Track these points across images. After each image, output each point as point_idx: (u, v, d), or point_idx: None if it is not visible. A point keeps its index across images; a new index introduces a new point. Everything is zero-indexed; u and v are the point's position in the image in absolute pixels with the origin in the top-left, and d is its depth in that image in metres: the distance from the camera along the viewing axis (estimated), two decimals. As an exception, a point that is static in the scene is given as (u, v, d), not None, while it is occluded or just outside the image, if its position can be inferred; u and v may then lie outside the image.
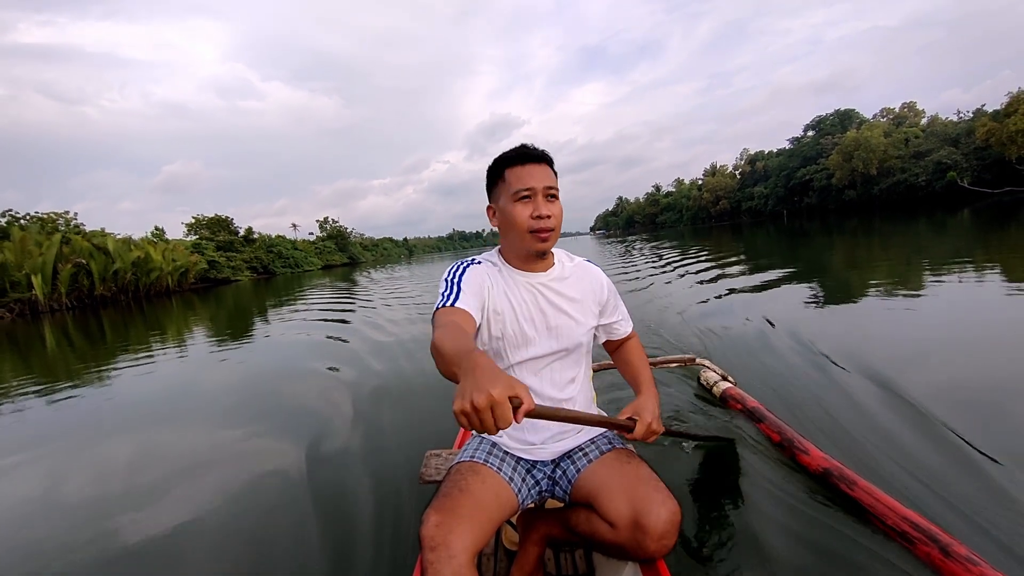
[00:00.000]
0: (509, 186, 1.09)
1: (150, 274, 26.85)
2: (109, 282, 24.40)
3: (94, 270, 23.37)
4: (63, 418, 3.93)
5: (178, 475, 2.52)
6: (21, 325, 15.58)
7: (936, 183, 38.49)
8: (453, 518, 0.90)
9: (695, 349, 3.61)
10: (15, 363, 7.49)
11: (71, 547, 1.95)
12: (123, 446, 3.10)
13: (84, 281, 23.21)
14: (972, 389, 2.40)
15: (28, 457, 3.06)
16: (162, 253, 28.55)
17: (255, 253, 50.92)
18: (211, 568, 1.68)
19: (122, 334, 10.09)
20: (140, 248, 27.09)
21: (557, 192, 1.11)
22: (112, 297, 24.64)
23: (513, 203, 1.09)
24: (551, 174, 1.11)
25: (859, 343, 3.24)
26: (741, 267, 9.05)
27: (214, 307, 15.35)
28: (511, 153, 1.12)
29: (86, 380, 5.36)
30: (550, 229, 1.09)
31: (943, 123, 44.53)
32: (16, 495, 2.54)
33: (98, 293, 23.72)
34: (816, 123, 56.98)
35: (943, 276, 5.54)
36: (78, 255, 22.86)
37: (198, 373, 5.33)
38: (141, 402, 4.20)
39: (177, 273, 29.74)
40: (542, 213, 1.07)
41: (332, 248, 72.53)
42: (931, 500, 1.57)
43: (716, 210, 73.16)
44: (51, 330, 12.47)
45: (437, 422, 2.70)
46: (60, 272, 21.72)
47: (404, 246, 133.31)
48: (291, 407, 3.54)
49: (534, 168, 1.09)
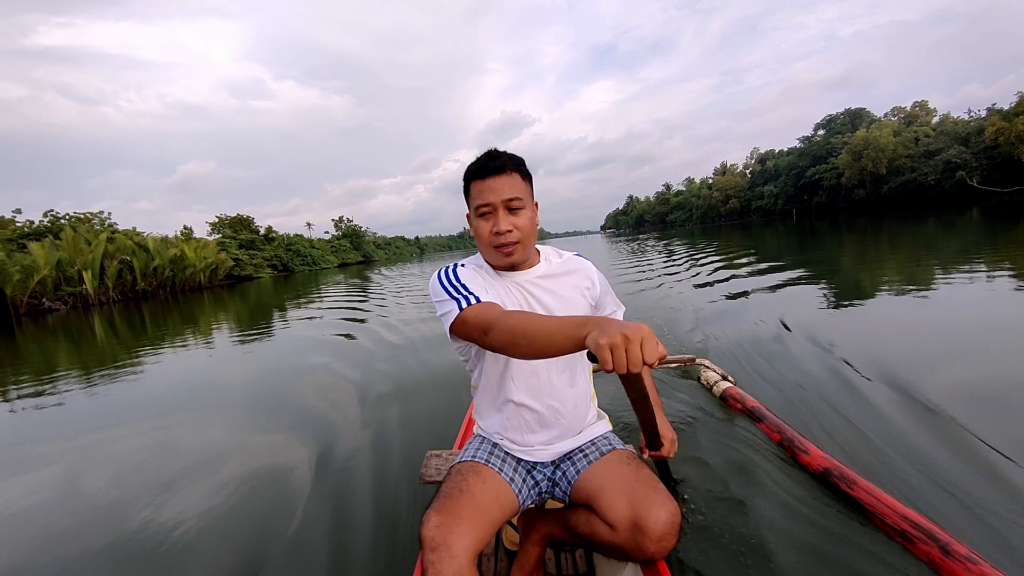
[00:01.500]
0: (472, 199, 1.08)
1: (185, 270, 28.56)
2: (150, 277, 26.10)
3: (136, 266, 25.06)
4: (105, 405, 4.17)
5: (189, 469, 2.58)
6: (74, 317, 16.95)
7: (946, 182, 38.73)
8: (454, 519, 0.90)
9: (696, 348, 3.66)
10: (70, 352, 8.25)
11: (91, 528, 2.05)
12: (142, 437, 3.20)
13: (127, 276, 24.89)
14: (979, 386, 2.38)
15: (72, 445, 3.19)
16: (194, 251, 30.22)
17: (275, 251, 52.77)
18: (211, 567, 1.68)
19: (161, 326, 10.93)
20: (176, 246, 28.78)
21: (522, 201, 1.07)
22: (152, 291, 26.38)
23: (476, 218, 1.09)
24: (515, 183, 1.07)
25: (866, 341, 3.26)
26: (748, 265, 9.08)
27: (240, 303, 15.98)
28: (473, 166, 1.09)
29: (128, 369, 5.74)
30: (512, 243, 1.07)
31: (954, 122, 44.60)
32: (58, 478, 2.65)
33: (140, 288, 25.43)
34: (827, 122, 57.11)
35: (952, 274, 5.50)
36: (123, 252, 24.55)
37: (219, 367, 5.56)
38: (162, 395, 4.37)
39: (208, 270, 31.44)
40: (501, 228, 1.05)
41: (347, 247, 74.47)
42: (933, 500, 1.57)
43: (726, 209, 73.50)
44: (100, 321, 13.61)
45: (438, 422, 2.72)
46: (107, 268, 23.40)
47: (416, 244, 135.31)
48: (296, 405, 3.58)
49: (494, 181, 1.05)
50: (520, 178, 1.08)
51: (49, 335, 11.51)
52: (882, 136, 42.79)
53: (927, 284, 5.14)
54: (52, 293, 21.23)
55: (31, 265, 20.13)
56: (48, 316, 18.60)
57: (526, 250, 1.10)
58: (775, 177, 63.01)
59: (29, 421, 3.94)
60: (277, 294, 18.01)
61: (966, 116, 44.70)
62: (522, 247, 1.08)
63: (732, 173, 76.86)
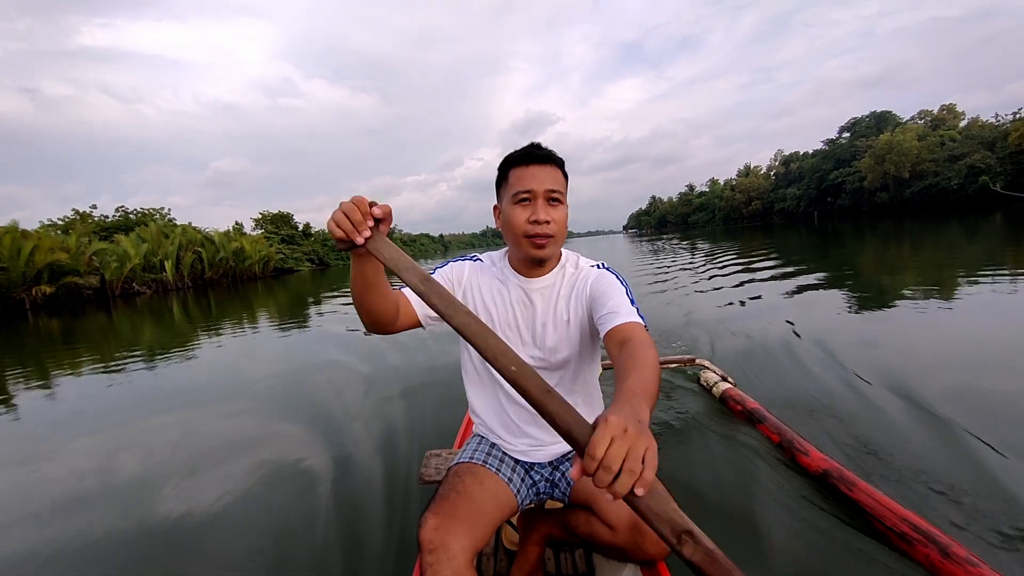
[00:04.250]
0: (511, 187, 1.05)
1: (244, 262, 31.69)
2: (216, 267, 29.32)
3: (204, 257, 28.23)
4: (187, 379, 4.81)
5: (215, 451, 2.76)
6: (156, 300, 19.31)
7: (969, 187, 38.97)
8: (451, 521, 0.91)
9: (696, 349, 3.65)
10: (161, 330, 9.46)
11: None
12: (170, 423, 3.41)
13: (197, 266, 28.05)
14: (986, 393, 2.39)
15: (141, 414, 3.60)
16: (251, 244, 33.41)
17: (312, 246, 56.18)
18: (212, 567, 1.70)
19: (224, 310, 12.39)
20: (236, 240, 31.98)
21: (562, 196, 1.05)
22: (217, 280, 29.58)
23: (512, 205, 1.05)
24: (558, 177, 1.05)
25: (876, 348, 3.26)
26: (767, 269, 9.11)
27: (286, 292, 17.55)
28: (517, 153, 1.06)
29: (196, 348, 6.59)
30: (548, 235, 1.03)
31: (981, 125, 44.54)
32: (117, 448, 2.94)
33: (207, 276, 28.65)
34: (851, 125, 57.23)
35: (970, 279, 5.50)
36: (195, 245, 27.73)
37: (257, 353, 6.06)
38: (195, 383, 4.69)
39: (262, 262, 34.61)
40: (540, 218, 1.01)
41: (377, 243, 77.69)
42: (932, 502, 1.58)
43: (748, 211, 73.81)
44: (177, 305, 15.33)
45: (438, 421, 2.74)
46: (182, 259, 26.56)
47: (440, 242, 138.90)
48: (303, 402, 3.68)
49: (537, 170, 1.03)
50: (561, 174, 1.06)
51: (138, 315, 13.36)
52: (906, 140, 43.06)
53: (943, 290, 5.11)
54: (140, 278, 24.42)
55: (124, 254, 23.29)
56: (136, 298, 21.45)
57: (557, 247, 1.08)
58: (799, 179, 63.15)
59: (134, 382, 4.79)
60: (315, 286, 19.39)
61: (994, 120, 44.56)
62: (554, 243, 1.06)
63: (756, 175, 77.14)
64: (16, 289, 18.07)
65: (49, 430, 3.53)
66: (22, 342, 9.45)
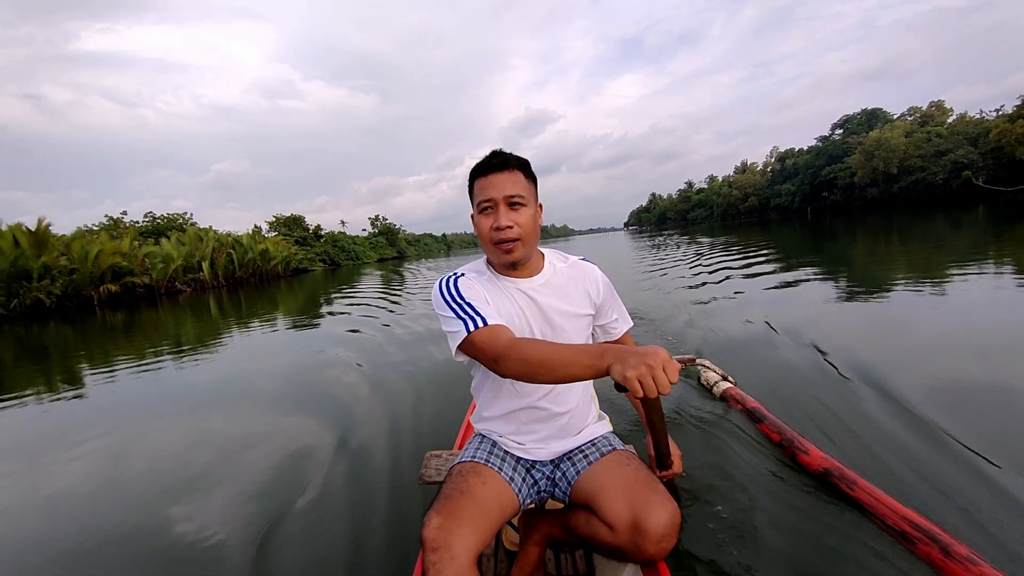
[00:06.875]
0: (475, 197, 1.11)
1: (269, 262, 33.87)
2: (246, 267, 31.52)
3: (235, 258, 30.37)
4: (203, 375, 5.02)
5: (224, 445, 2.90)
6: (195, 297, 20.92)
7: (953, 182, 40.75)
8: (454, 520, 0.92)
9: (696, 348, 3.65)
10: (202, 323, 10.29)
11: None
12: (178, 426, 3.48)
13: (229, 266, 30.20)
14: (979, 391, 2.42)
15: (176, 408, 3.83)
16: (274, 246, 35.62)
17: (323, 247, 58.33)
18: (212, 566, 1.70)
19: (252, 306, 13.55)
20: (262, 242, 34.23)
21: (524, 199, 1.08)
22: (246, 279, 31.79)
23: (478, 214, 1.11)
24: (518, 180, 1.08)
25: (866, 344, 3.27)
26: (758, 262, 9.30)
27: (304, 290, 18.66)
28: (478, 164, 1.11)
29: (219, 346, 6.92)
30: (512, 239, 1.07)
31: (965, 122, 46.28)
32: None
33: (238, 275, 30.87)
34: (843, 121, 58.82)
35: (955, 272, 5.62)
36: (226, 247, 29.91)
37: (270, 349, 6.36)
38: (210, 381, 4.84)
39: (284, 262, 36.80)
40: (501, 224, 1.06)
41: (384, 243, 80.00)
42: (931, 501, 1.59)
43: (745, 207, 75.21)
44: (213, 302, 16.68)
45: (437, 422, 2.74)
46: (217, 260, 28.74)
47: (443, 241, 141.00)
48: (306, 401, 3.70)
49: (496, 177, 1.07)
50: (523, 176, 1.09)
51: (181, 310, 14.60)
52: (893, 137, 44.82)
53: (932, 283, 5.19)
54: (182, 278, 26.55)
55: (167, 256, 25.41)
56: (179, 296, 23.48)
57: (527, 249, 1.11)
58: (794, 175, 64.79)
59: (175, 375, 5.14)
60: (328, 285, 20.36)
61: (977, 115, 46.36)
62: (523, 245, 1.09)
63: (752, 171, 78.82)
64: (86, 287, 20.40)
65: (136, 405, 4.17)
66: (109, 333, 10.53)
